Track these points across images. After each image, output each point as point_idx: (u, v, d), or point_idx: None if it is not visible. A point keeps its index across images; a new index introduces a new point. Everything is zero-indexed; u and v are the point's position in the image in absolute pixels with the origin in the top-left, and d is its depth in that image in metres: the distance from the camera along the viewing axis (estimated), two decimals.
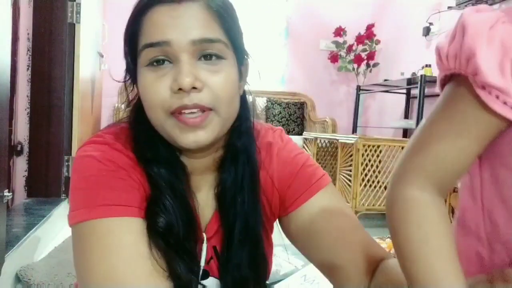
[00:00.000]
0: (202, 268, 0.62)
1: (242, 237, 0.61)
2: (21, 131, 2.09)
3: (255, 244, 0.62)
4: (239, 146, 0.62)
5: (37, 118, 2.15)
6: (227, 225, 0.62)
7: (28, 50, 2.12)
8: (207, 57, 0.54)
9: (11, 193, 1.37)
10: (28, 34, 2.11)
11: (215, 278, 0.64)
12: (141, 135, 0.60)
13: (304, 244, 0.67)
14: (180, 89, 0.52)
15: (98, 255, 0.51)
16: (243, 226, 0.61)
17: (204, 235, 0.63)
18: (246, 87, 0.65)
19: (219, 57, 0.55)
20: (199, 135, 0.54)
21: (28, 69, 2.13)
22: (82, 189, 0.55)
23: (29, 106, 2.14)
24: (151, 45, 0.53)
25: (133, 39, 0.56)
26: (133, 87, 0.61)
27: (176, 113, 0.54)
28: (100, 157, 0.56)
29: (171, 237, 0.56)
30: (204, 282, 0.63)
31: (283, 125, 3.94)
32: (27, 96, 2.13)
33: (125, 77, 0.61)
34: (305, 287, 1.29)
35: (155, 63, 0.54)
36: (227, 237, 0.62)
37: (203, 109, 0.54)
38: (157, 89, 0.53)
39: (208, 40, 0.53)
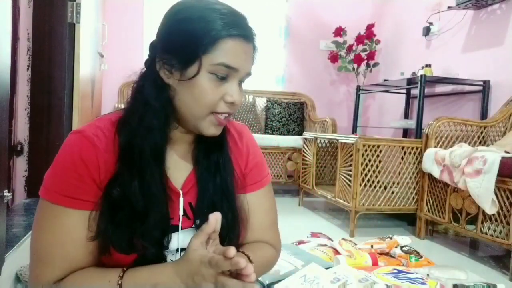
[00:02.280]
0: (181, 218, 0.76)
1: (219, 196, 0.78)
2: (21, 131, 2.08)
3: (231, 202, 0.80)
4: None
5: (37, 118, 2.15)
6: (204, 184, 0.78)
7: (28, 50, 2.12)
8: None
9: (11, 193, 1.37)
10: (28, 34, 2.11)
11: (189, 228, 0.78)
12: (145, 110, 0.73)
13: None
14: (232, 103, 0.72)
15: (42, 229, 0.70)
16: (221, 185, 0.79)
17: (181, 192, 0.77)
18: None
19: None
20: (219, 130, 0.75)
21: (28, 69, 2.12)
22: (51, 172, 0.71)
23: (29, 106, 2.14)
24: (227, 66, 0.69)
25: (203, 48, 0.68)
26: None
27: (215, 114, 0.72)
28: (70, 150, 0.70)
29: (137, 203, 0.69)
30: (181, 233, 0.77)
31: (283, 125, 3.94)
32: (27, 96, 2.13)
33: (160, 63, 0.72)
34: (305, 287, 1.29)
35: (219, 77, 0.70)
36: (203, 193, 0.78)
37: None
38: (213, 95, 0.70)
39: (250, 74, 0.75)
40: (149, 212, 0.70)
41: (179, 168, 0.79)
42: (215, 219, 0.67)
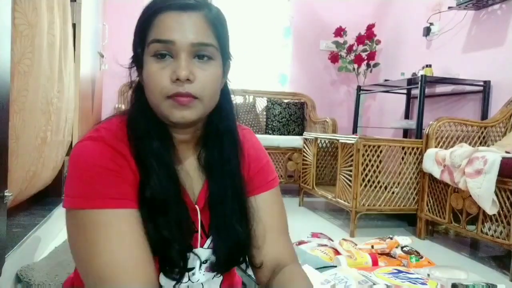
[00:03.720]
0: (199, 233, 0.74)
1: (234, 205, 0.76)
2: None
3: (244, 210, 0.78)
4: (221, 128, 0.76)
5: None
6: (218, 195, 0.75)
7: None
8: (200, 56, 0.68)
9: (11, 193, 1.37)
10: None
11: (202, 248, 0.76)
12: (139, 112, 0.72)
13: None
14: (177, 79, 0.65)
15: (100, 243, 0.61)
16: (234, 195, 0.76)
17: (197, 207, 0.75)
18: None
19: (210, 58, 0.69)
20: (185, 113, 0.68)
21: None
22: (79, 179, 0.65)
23: None
24: (159, 41, 0.66)
25: (144, 33, 0.69)
26: (136, 72, 0.74)
27: (171, 97, 0.67)
28: (95, 153, 0.66)
29: (161, 205, 0.67)
30: (198, 251, 0.74)
31: (283, 125, 3.93)
32: None
33: (131, 63, 0.74)
34: None
35: (159, 56, 0.67)
36: (218, 207, 0.75)
37: (193, 97, 0.67)
38: (160, 77, 0.66)
39: (203, 44, 0.67)
40: (168, 213, 0.68)
41: (193, 175, 0.77)
42: None
